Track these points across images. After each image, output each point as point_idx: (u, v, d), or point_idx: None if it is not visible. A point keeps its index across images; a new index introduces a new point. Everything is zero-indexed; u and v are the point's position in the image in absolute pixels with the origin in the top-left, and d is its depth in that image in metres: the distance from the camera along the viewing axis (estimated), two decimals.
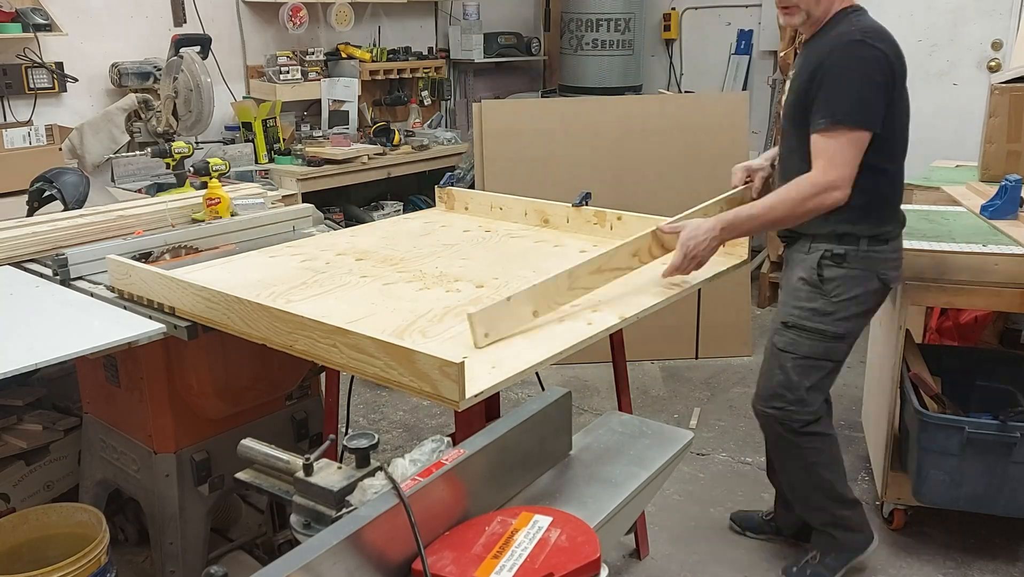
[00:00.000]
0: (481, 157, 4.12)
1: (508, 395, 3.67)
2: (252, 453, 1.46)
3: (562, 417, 1.61)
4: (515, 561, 1.21)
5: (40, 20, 3.63)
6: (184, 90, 3.74)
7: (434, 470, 1.29)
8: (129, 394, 2.28)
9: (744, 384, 4.01)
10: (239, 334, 1.84)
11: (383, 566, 1.19)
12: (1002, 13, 4.65)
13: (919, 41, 4.89)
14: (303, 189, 4.19)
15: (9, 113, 3.76)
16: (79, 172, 2.78)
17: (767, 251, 5.05)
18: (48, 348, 1.75)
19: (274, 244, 2.49)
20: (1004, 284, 2.54)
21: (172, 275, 1.97)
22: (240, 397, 2.30)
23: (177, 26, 4.25)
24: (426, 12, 5.60)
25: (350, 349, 1.61)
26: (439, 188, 2.87)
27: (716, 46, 5.82)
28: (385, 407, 3.79)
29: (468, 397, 1.48)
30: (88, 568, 2.04)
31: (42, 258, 2.35)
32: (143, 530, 2.55)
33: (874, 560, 2.72)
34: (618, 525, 1.56)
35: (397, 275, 2.18)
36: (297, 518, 1.32)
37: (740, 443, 3.47)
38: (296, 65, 4.61)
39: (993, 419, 2.50)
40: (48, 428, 2.64)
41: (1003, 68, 4.51)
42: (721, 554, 2.77)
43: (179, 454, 2.25)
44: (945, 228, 2.82)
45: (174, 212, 2.67)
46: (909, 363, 2.77)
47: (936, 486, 2.59)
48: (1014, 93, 3.29)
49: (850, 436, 3.50)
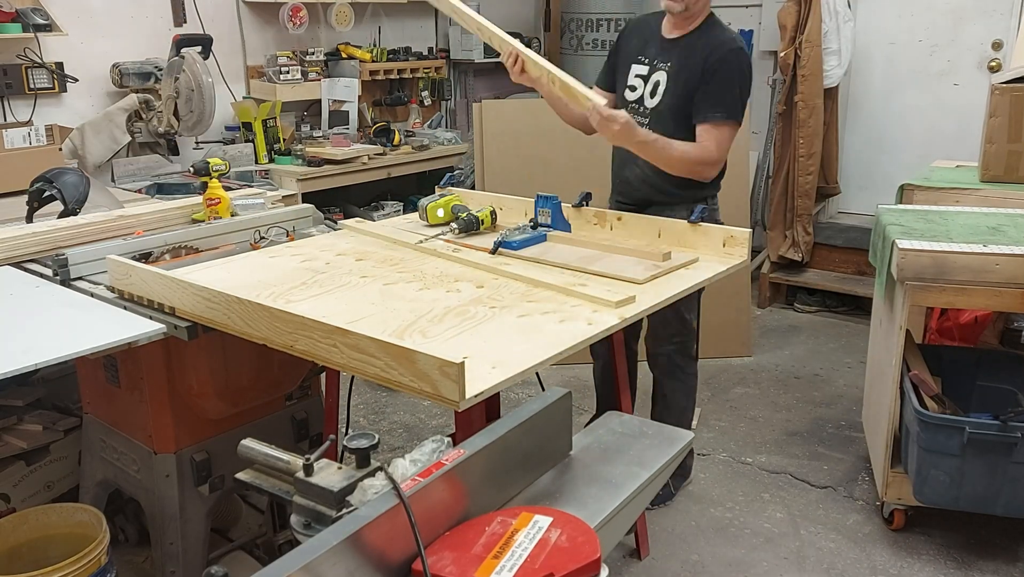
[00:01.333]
0: (481, 157, 4.12)
1: (508, 395, 3.68)
2: (252, 453, 1.46)
3: (562, 417, 1.61)
4: (515, 561, 1.21)
5: (40, 20, 3.63)
6: (185, 90, 3.74)
7: (434, 470, 1.29)
8: (129, 394, 2.28)
9: (745, 384, 4.01)
10: (239, 334, 1.84)
11: (383, 566, 1.19)
12: (1002, 13, 4.65)
13: (919, 41, 4.88)
14: (303, 189, 4.19)
15: (9, 113, 3.76)
16: (79, 172, 2.78)
17: (767, 251, 5.05)
18: (48, 348, 1.75)
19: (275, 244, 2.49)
20: (1004, 284, 2.54)
21: (172, 275, 1.97)
22: (240, 397, 2.30)
23: (177, 26, 4.25)
24: (426, 12, 5.59)
25: (350, 349, 1.61)
26: (439, 188, 2.87)
27: None
28: (385, 407, 3.79)
29: (468, 397, 1.48)
30: (88, 568, 2.04)
31: (42, 258, 2.34)
32: (143, 530, 2.55)
33: (874, 560, 2.72)
34: (618, 525, 1.56)
35: (397, 275, 2.18)
36: (297, 518, 1.32)
37: (740, 443, 3.47)
38: (296, 65, 4.61)
39: (993, 419, 2.50)
40: (48, 428, 2.64)
41: (1003, 68, 4.51)
42: (721, 554, 2.77)
43: (179, 454, 2.25)
44: (943, 228, 2.82)
45: (174, 212, 2.67)
46: (909, 363, 2.77)
47: (936, 486, 2.60)
48: (1014, 93, 3.29)
49: (850, 436, 3.50)
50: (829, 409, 3.77)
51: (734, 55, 2.61)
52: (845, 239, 4.97)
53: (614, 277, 2.14)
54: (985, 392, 2.93)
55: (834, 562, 2.72)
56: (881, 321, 3.08)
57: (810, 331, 4.70)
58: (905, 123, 5.04)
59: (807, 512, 3.00)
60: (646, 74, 2.74)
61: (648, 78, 2.73)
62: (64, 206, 2.63)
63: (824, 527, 2.91)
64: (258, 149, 4.38)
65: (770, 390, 3.96)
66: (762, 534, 2.87)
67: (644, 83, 2.74)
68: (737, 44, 2.63)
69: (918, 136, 5.00)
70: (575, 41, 5.60)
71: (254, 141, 4.37)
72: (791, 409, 3.78)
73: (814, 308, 4.99)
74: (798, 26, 4.63)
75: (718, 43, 2.62)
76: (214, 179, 2.62)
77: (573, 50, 5.63)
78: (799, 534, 2.87)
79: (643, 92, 2.74)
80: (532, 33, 6.18)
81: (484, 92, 5.96)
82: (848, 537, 2.85)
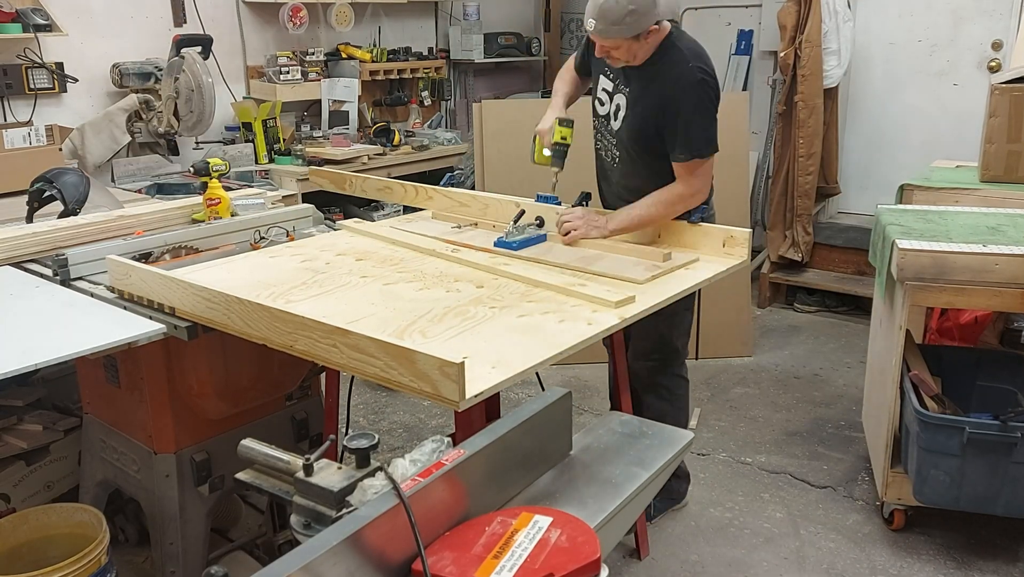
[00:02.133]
0: (481, 157, 4.12)
1: (508, 395, 3.68)
2: (252, 453, 1.46)
3: (562, 417, 1.61)
4: (515, 561, 1.21)
5: (40, 20, 3.63)
6: (185, 90, 3.74)
7: (434, 470, 1.29)
8: (129, 394, 2.28)
9: (745, 384, 4.02)
10: (239, 334, 1.84)
11: (383, 566, 1.19)
12: (1002, 13, 4.65)
13: (919, 41, 4.88)
14: (303, 189, 4.19)
15: (9, 113, 3.76)
16: (79, 172, 2.78)
17: (767, 251, 5.05)
18: (48, 348, 1.75)
19: (275, 244, 2.49)
20: (1004, 284, 2.54)
21: (172, 275, 1.97)
22: (240, 397, 2.30)
23: (177, 26, 4.26)
24: (426, 12, 5.60)
25: (350, 349, 1.61)
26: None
27: (716, 46, 5.81)
28: (385, 407, 3.79)
29: (468, 397, 1.48)
30: (88, 568, 2.04)
31: (42, 258, 2.35)
32: (143, 530, 2.55)
33: (874, 560, 2.72)
34: (618, 525, 1.56)
35: (397, 275, 2.18)
36: (297, 518, 1.32)
37: (740, 443, 3.47)
38: (296, 65, 4.61)
39: (993, 419, 2.50)
40: (48, 428, 2.64)
41: (1003, 68, 4.51)
42: (721, 554, 2.77)
43: (179, 454, 2.25)
44: (943, 228, 2.82)
45: (174, 212, 2.67)
46: (909, 363, 2.77)
47: (936, 486, 2.59)
48: (1014, 93, 3.29)
49: (850, 436, 3.50)
50: (829, 409, 3.77)
51: (694, 89, 2.41)
52: (845, 239, 4.97)
53: (614, 277, 2.14)
54: (985, 392, 2.93)
55: (834, 562, 2.72)
56: (881, 321, 3.08)
57: (810, 331, 4.70)
58: (905, 123, 5.04)
59: (807, 512, 3.00)
60: (611, 91, 2.61)
61: (612, 97, 2.61)
62: (64, 206, 2.63)
63: (824, 527, 2.91)
64: (258, 149, 4.38)
65: (770, 390, 3.96)
66: (762, 534, 2.87)
67: (610, 101, 2.62)
68: (696, 75, 2.40)
69: (918, 136, 5.00)
70: (575, 41, 5.60)
71: (254, 141, 4.37)
72: (791, 409, 3.78)
73: (814, 308, 4.99)
74: (798, 26, 4.64)
75: (677, 75, 2.41)
76: (214, 179, 2.62)
77: (573, 50, 5.63)
78: (799, 534, 2.87)
79: (609, 111, 2.63)
80: (532, 33, 6.18)
81: (484, 92, 5.96)
82: (848, 537, 2.85)
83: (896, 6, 4.89)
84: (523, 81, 6.34)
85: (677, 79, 2.42)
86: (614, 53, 2.41)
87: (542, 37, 6.21)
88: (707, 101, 2.44)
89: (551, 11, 6.23)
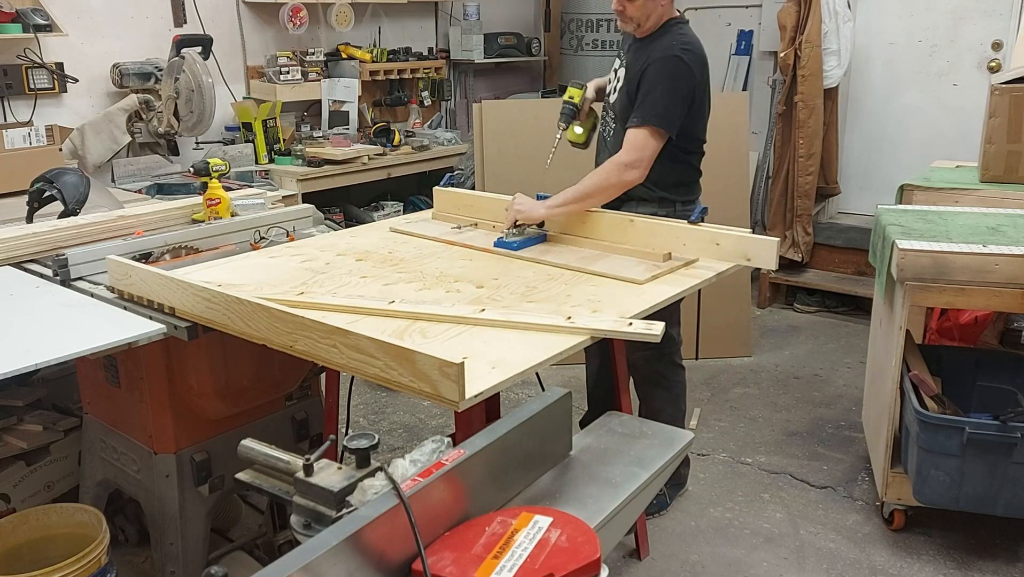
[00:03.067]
0: (481, 157, 4.12)
1: (508, 395, 3.68)
2: (252, 453, 1.46)
3: (562, 417, 1.61)
4: (515, 561, 1.21)
5: (40, 20, 3.63)
6: (186, 90, 3.75)
7: (434, 470, 1.29)
8: (129, 394, 2.28)
9: (744, 384, 4.02)
10: (239, 334, 1.84)
11: (383, 566, 1.19)
12: (1002, 13, 4.65)
13: (919, 41, 4.88)
14: (303, 189, 4.19)
15: (9, 113, 3.76)
16: (79, 172, 2.78)
17: None
18: (48, 348, 1.75)
19: (275, 244, 2.49)
20: (1004, 284, 2.54)
21: (172, 275, 1.97)
22: (240, 397, 2.30)
23: (177, 26, 4.25)
24: (426, 12, 5.60)
25: (350, 349, 1.62)
26: (438, 189, 2.87)
27: (716, 46, 5.81)
28: (385, 407, 3.79)
29: (468, 397, 1.48)
30: (88, 568, 2.04)
31: (42, 259, 2.35)
32: (143, 530, 2.55)
33: (874, 560, 2.72)
34: (618, 525, 1.56)
35: (397, 275, 2.18)
36: (297, 518, 1.32)
37: (740, 443, 3.47)
38: (296, 65, 4.61)
39: (993, 419, 2.50)
40: (48, 428, 2.64)
41: (1003, 68, 4.51)
42: (721, 554, 2.77)
43: (179, 454, 2.25)
44: (943, 228, 2.82)
45: (174, 213, 2.68)
46: (909, 363, 2.77)
47: (936, 486, 2.60)
48: (1014, 94, 3.29)
49: (850, 436, 3.50)
50: (829, 409, 3.78)
51: (664, 63, 2.53)
52: (845, 239, 4.97)
53: (614, 277, 2.14)
54: (985, 392, 2.93)
55: (834, 562, 2.72)
56: (881, 321, 3.08)
57: (810, 331, 4.70)
58: (905, 123, 5.04)
59: (807, 512, 3.00)
60: (616, 68, 2.80)
61: (617, 73, 2.78)
62: (64, 206, 2.63)
63: (824, 527, 2.91)
64: (258, 149, 4.38)
65: (770, 390, 3.96)
66: (762, 534, 2.87)
67: (615, 77, 2.79)
68: (674, 52, 2.54)
69: (918, 136, 5.00)
70: (575, 41, 5.60)
71: (254, 141, 4.37)
72: (791, 409, 3.78)
73: (814, 308, 4.99)
74: (798, 26, 4.64)
75: (658, 49, 2.57)
76: (214, 179, 2.62)
77: (573, 50, 5.64)
78: (799, 534, 2.87)
79: (613, 87, 2.80)
80: (532, 33, 6.18)
81: (484, 92, 5.96)
82: (848, 537, 2.85)
83: (896, 6, 4.89)
84: (523, 81, 6.34)
85: (654, 52, 2.58)
86: (629, 8, 2.58)
87: (542, 37, 6.21)
88: (677, 78, 2.53)
89: (551, 11, 6.22)
